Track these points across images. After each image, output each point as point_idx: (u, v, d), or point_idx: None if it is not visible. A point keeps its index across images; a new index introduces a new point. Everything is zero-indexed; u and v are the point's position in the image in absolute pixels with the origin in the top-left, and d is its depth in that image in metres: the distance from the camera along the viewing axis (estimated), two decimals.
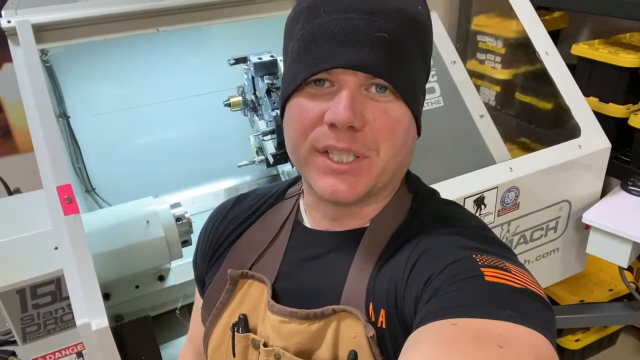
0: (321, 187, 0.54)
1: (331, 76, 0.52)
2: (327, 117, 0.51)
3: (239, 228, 0.69)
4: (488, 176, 1.19)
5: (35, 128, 0.99)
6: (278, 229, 0.66)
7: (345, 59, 0.50)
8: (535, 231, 1.30)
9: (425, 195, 0.63)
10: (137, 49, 1.56)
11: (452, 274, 0.48)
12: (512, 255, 0.53)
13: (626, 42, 1.75)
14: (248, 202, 0.72)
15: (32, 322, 1.03)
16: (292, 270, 0.62)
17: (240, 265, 0.66)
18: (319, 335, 0.57)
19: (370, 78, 0.51)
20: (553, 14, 2.01)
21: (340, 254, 0.60)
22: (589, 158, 1.29)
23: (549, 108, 1.81)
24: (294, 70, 0.54)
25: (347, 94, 0.51)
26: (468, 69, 2.13)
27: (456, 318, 0.43)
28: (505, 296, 0.44)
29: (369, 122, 0.52)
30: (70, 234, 0.90)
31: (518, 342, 0.40)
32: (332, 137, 0.52)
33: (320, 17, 0.51)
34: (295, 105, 0.54)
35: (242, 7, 1.25)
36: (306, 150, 0.54)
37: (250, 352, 0.62)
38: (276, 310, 0.59)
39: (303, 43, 0.53)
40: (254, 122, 1.45)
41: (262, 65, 1.32)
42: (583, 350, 1.77)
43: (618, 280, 1.67)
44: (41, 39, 1.08)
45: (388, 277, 0.55)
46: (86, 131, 1.57)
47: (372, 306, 0.55)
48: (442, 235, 0.55)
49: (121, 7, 1.13)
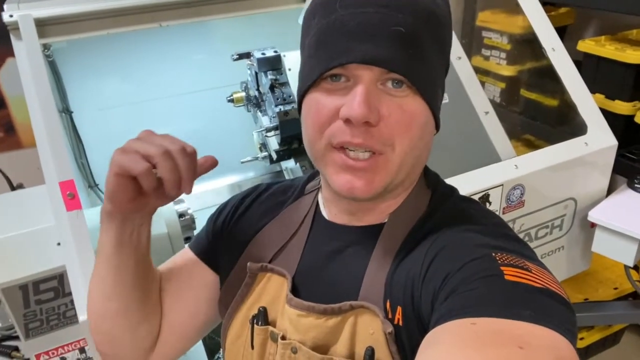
0: (338, 184, 0.54)
1: (346, 71, 0.51)
2: (343, 112, 0.51)
3: (259, 222, 0.70)
4: (493, 173, 1.18)
5: (38, 123, 0.98)
6: (299, 224, 0.66)
7: (360, 53, 0.49)
8: (540, 229, 1.29)
9: (443, 192, 0.62)
10: (140, 43, 1.56)
11: (471, 272, 0.47)
12: (532, 254, 0.52)
13: (633, 39, 1.74)
14: (272, 194, 0.72)
15: (34, 317, 1.02)
16: (312, 264, 0.62)
17: (259, 259, 0.66)
18: (336, 331, 0.57)
19: (385, 73, 0.51)
20: (559, 10, 1.99)
21: (359, 249, 0.59)
22: (595, 155, 1.28)
23: (555, 105, 1.80)
24: (309, 66, 0.54)
25: (362, 89, 0.50)
26: (473, 65, 2.12)
27: (475, 317, 0.42)
28: (526, 296, 0.44)
29: (384, 117, 0.51)
30: (73, 230, 0.90)
31: (539, 343, 0.39)
32: (348, 132, 0.51)
33: (336, 12, 0.51)
34: (312, 101, 0.54)
35: (245, 1, 1.24)
36: (322, 146, 0.54)
37: (268, 345, 0.62)
38: (294, 303, 0.59)
39: (319, 38, 0.53)
40: (258, 118, 1.45)
41: (266, 60, 1.31)
42: (587, 348, 1.76)
43: (623, 278, 1.66)
44: (43, 33, 1.08)
45: (405, 273, 0.54)
46: (89, 126, 1.56)
47: (389, 303, 0.54)
48: (461, 232, 0.54)
49: (124, 1, 1.13)
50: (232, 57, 1.37)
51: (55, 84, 1.45)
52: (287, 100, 1.31)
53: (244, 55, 1.36)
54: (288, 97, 1.31)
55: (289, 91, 1.32)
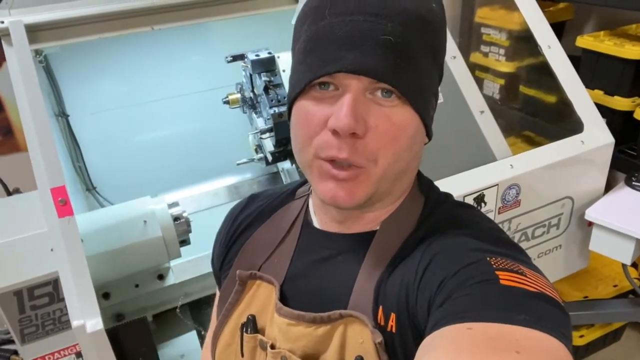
0: (322, 191, 0.54)
1: (335, 80, 0.51)
2: (330, 123, 0.50)
3: (249, 229, 0.69)
4: (488, 173, 1.17)
5: (29, 129, 0.98)
6: (287, 229, 0.65)
7: (348, 62, 0.49)
8: (537, 228, 1.28)
9: (437, 198, 0.62)
10: (135, 46, 1.56)
11: (467, 277, 0.47)
12: (526, 258, 0.52)
13: (632, 34, 1.72)
14: (258, 203, 0.72)
15: (30, 323, 1.03)
16: (301, 272, 0.62)
17: (250, 266, 0.65)
18: (326, 340, 0.56)
19: (374, 82, 0.50)
20: (558, 5, 1.97)
21: (350, 257, 0.59)
22: (592, 154, 1.27)
23: (553, 102, 1.78)
24: (299, 72, 0.54)
25: (350, 99, 0.50)
26: (472, 62, 2.10)
27: (472, 322, 0.42)
28: (521, 300, 0.44)
29: (371, 128, 0.51)
30: (65, 236, 0.90)
31: (535, 347, 0.40)
32: (335, 146, 0.51)
33: (326, 19, 0.50)
34: (301, 109, 0.54)
35: (237, 3, 1.24)
36: (310, 156, 0.54)
37: (258, 353, 0.62)
38: (283, 312, 0.59)
39: (308, 45, 0.52)
40: (253, 119, 1.44)
41: (260, 62, 1.30)
42: (587, 346, 1.75)
43: (622, 275, 1.64)
44: (35, 39, 1.08)
45: (399, 280, 0.54)
46: (86, 129, 1.57)
47: (382, 310, 0.54)
48: (456, 237, 0.54)
49: (116, 5, 1.12)
50: (226, 59, 1.36)
51: (50, 88, 1.45)
52: (282, 101, 1.30)
53: (238, 57, 1.36)
54: (282, 98, 1.30)
55: (283, 92, 1.31)
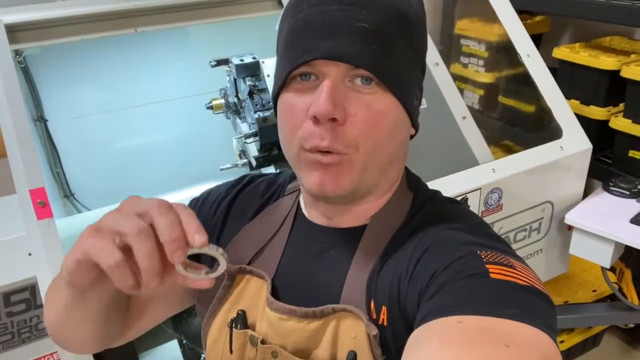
0: (309, 183, 0.54)
1: (314, 69, 0.51)
2: (310, 110, 0.51)
3: (239, 220, 0.68)
4: (471, 177, 1.19)
5: (9, 130, 0.96)
6: (279, 224, 0.65)
7: (324, 49, 0.50)
8: (518, 232, 1.30)
9: (426, 194, 0.62)
10: (117, 50, 1.54)
11: (458, 270, 0.47)
12: (514, 252, 0.53)
13: (606, 46, 1.77)
14: (251, 190, 0.70)
15: (5, 330, 0.99)
16: (293, 266, 0.62)
17: (238, 261, 0.64)
18: (318, 334, 0.56)
19: (352, 69, 0.51)
20: (535, 18, 2.03)
21: (341, 251, 0.59)
22: (571, 159, 1.30)
23: (532, 111, 1.83)
24: (280, 66, 0.54)
25: (328, 85, 0.50)
26: (452, 73, 2.14)
27: (462, 315, 0.42)
28: (511, 294, 0.44)
29: (350, 115, 0.51)
30: (44, 239, 0.87)
31: (524, 341, 0.40)
32: (317, 135, 0.51)
33: (304, 11, 0.52)
34: (284, 103, 0.54)
35: (222, 7, 1.24)
36: (296, 149, 0.54)
37: (247, 349, 0.61)
38: (275, 307, 0.58)
39: (287, 38, 0.53)
40: (237, 124, 1.44)
41: (244, 67, 1.30)
42: (568, 351, 1.77)
43: (602, 280, 1.68)
44: (15, 39, 1.06)
45: (391, 273, 0.54)
46: (65, 135, 1.54)
47: (374, 303, 0.54)
48: (446, 231, 0.54)
49: (98, 6, 1.11)
50: (210, 63, 1.35)
51: (29, 91, 1.43)
52: (266, 106, 1.30)
53: (222, 62, 1.35)
54: (267, 103, 1.30)
55: (267, 97, 1.31)
